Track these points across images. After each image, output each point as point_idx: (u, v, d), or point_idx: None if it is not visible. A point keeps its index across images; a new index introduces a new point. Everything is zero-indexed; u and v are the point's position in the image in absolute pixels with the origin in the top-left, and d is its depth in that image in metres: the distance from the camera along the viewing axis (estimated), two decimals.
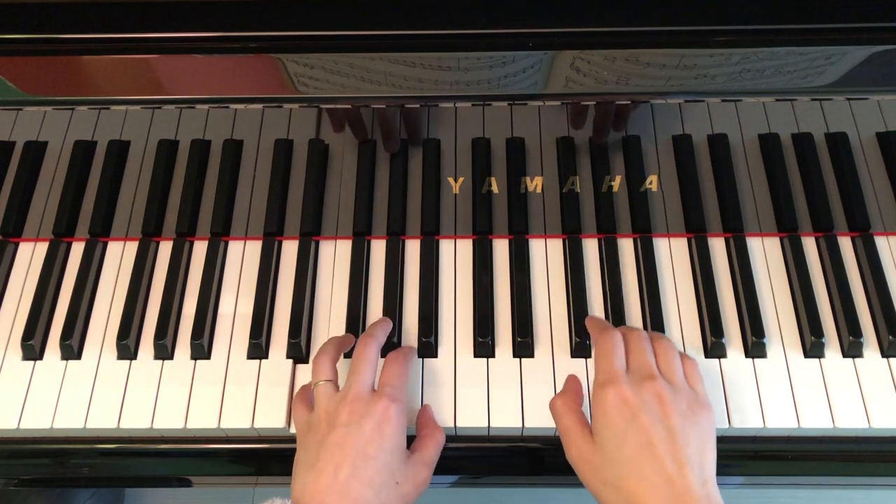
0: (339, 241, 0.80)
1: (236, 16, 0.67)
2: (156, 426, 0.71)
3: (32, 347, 0.74)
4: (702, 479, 0.58)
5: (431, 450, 0.67)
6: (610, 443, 0.60)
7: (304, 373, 0.74)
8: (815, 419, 0.70)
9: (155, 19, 0.67)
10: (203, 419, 0.71)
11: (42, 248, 0.81)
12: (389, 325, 0.74)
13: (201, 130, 0.75)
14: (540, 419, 0.70)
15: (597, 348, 0.67)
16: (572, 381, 0.69)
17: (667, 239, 0.80)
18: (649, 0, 0.67)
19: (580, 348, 0.73)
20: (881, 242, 0.79)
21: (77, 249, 0.80)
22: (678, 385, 0.63)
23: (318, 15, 0.67)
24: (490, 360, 0.74)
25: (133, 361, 0.74)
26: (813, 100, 0.69)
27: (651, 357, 0.65)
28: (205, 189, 0.79)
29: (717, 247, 0.79)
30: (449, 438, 0.70)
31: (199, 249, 0.80)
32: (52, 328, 0.77)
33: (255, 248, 0.80)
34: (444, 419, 0.71)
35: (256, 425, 0.70)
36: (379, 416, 0.63)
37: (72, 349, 0.74)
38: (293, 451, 0.66)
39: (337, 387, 0.67)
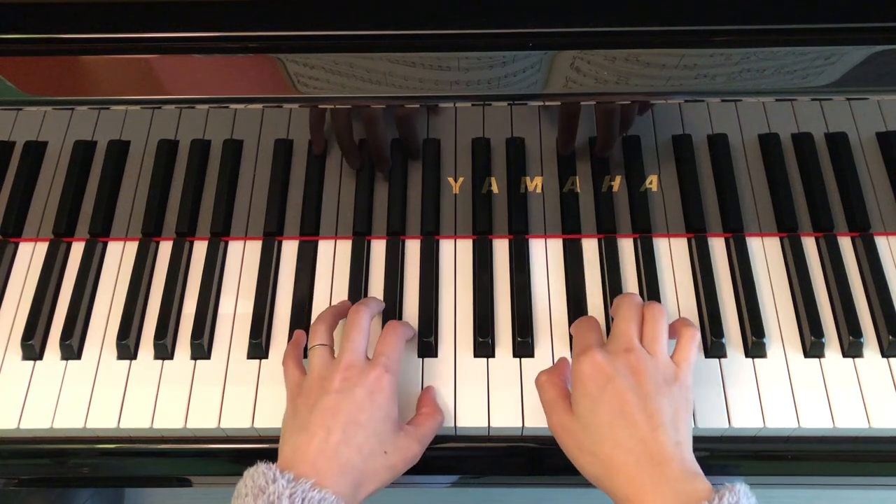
0: (339, 241, 0.80)
1: (236, 16, 0.67)
2: (156, 426, 0.71)
3: (32, 347, 0.74)
4: (675, 440, 0.59)
5: (426, 427, 0.67)
6: (586, 410, 0.61)
7: None
8: (815, 419, 0.70)
9: (155, 19, 0.67)
10: (203, 419, 0.71)
11: (42, 248, 0.80)
12: (382, 302, 0.75)
13: (201, 130, 0.75)
14: (540, 419, 0.70)
15: (574, 329, 0.68)
16: (562, 361, 0.70)
17: (667, 239, 0.80)
18: (649, 0, 0.67)
19: None
20: (881, 242, 0.79)
21: (77, 249, 0.80)
22: (658, 357, 0.63)
23: (318, 15, 0.67)
24: (490, 359, 0.74)
25: (133, 361, 0.74)
26: (813, 100, 0.69)
27: (633, 326, 0.65)
28: (205, 189, 0.79)
29: (717, 247, 0.79)
30: (449, 438, 0.70)
31: (199, 249, 0.80)
32: (52, 328, 0.77)
33: (255, 248, 0.80)
34: (445, 418, 0.70)
35: (256, 425, 0.70)
36: (371, 385, 0.64)
37: (72, 349, 0.74)
38: None
39: (332, 351, 0.68)
